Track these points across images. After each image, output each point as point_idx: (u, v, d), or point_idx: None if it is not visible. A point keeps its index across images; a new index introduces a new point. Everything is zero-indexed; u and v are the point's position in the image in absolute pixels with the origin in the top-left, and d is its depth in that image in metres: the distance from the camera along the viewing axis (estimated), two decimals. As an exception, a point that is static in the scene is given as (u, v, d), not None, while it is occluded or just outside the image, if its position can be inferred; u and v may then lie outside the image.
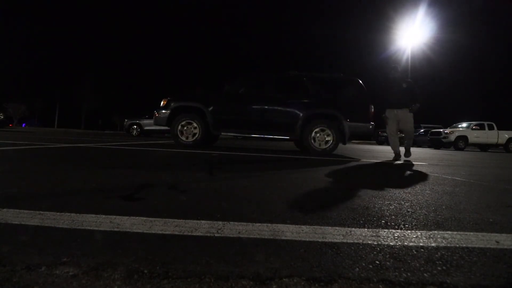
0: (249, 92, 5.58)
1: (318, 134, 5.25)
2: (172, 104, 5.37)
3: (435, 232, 1.00)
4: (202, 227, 0.93)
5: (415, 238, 0.93)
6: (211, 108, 5.32)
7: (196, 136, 5.31)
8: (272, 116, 5.38)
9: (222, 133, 5.41)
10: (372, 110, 5.44)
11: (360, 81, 5.64)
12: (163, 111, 5.37)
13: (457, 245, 0.88)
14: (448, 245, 0.88)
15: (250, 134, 5.47)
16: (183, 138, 5.30)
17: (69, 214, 0.99)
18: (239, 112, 5.43)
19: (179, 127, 5.29)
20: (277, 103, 5.40)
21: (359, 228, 1.00)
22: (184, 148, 4.92)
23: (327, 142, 5.27)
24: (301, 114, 5.27)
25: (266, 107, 5.39)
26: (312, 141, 5.25)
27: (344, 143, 5.53)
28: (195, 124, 5.30)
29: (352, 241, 0.87)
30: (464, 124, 14.44)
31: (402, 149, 4.82)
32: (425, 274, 0.68)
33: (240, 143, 8.86)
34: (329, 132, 5.25)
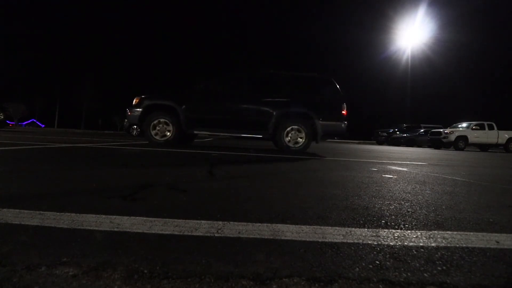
0: (223, 91, 5.57)
1: (291, 133, 5.31)
2: (144, 103, 5.33)
3: (435, 232, 1.00)
4: (202, 227, 0.93)
5: (415, 238, 0.93)
6: (184, 107, 5.30)
7: (170, 135, 5.28)
8: (246, 115, 5.39)
9: (196, 131, 5.39)
10: (345, 109, 5.49)
11: (334, 81, 5.69)
12: (136, 109, 5.35)
13: (457, 245, 0.88)
14: (448, 245, 0.88)
15: (223, 133, 5.48)
16: (156, 137, 5.26)
17: (69, 214, 0.99)
18: (212, 110, 5.42)
19: (152, 125, 5.25)
20: (251, 101, 5.42)
21: (359, 228, 1.00)
22: (157, 146, 4.94)
23: (300, 140, 5.34)
24: (274, 113, 5.30)
25: (240, 105, 5.40)
26: (285, 139, 5.29)
27: (317, 142, 5.59)
28: (168, 123, 5.27)
29: (352, 241, 0.87)
30: (464, 124, 14.45)
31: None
32: (425, 274, 0.68)
33: (240, 143, 8.85)
34: (302, 131, 5.32)
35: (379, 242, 0.87)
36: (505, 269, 0.73)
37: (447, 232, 1.00)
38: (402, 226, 1.05)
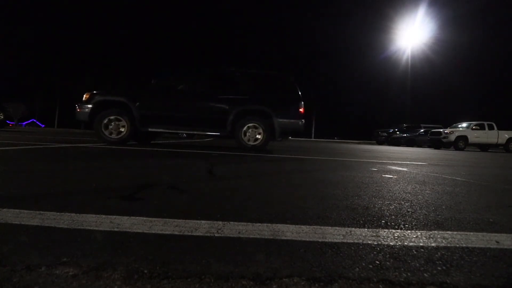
0: (179, 87, 5.46)
1: (249, 130, 5.30)
2: (95, 99, 5.10)
3: (435, 232, 1.00)
4: (202, 227, 0.93)
5: (415, 238, 0.93)
6: (138, 103, 5.14)
7: (124, 133, 5.10)
8: (203, 112, 5.30)
9: (151, 129, 5.22)
10: (303, 107, 5.52)
11: (292, 79, 5.71)
12: (86, 105, 5.08)
13: (457, 245, 0.88)
14: (448, 245, 0.88)
15: (180, 131, 5.39)
16: (109, 135, 5.06)
17: (69, 214, 0.99)
18: (168, 107, 5.29)
19: (104, 123, 5.03)
20: (208, 98, 5.36)
21: (359, 228, 1.00)
22: (110, 144, 4.90)
23: (258, 138, 5.33)
24: (232, 110, 5.25)
25: (197, 102, 5.32)
26: (243, 137, 5.28)
27: (275, 139, 5.58)
28: (122, 120, 5.08)
29: (352, 241, 0.87)
30: (464, 124, 14.46)
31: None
32: (425, 274, 0.68)
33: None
34: (260, 128, 5.31)
35: (379, 242, 0.87)
36: (505, 269, 0.73)
37: (447, 232, 1.00)
38: (402, 226, 1.05)
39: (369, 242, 0.87)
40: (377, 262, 0.73)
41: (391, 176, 2.51)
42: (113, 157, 3.11)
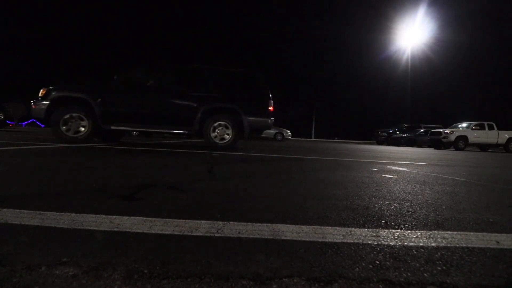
0: (144, 83, 5.28)
1: (218, 129, 5.23)
2: (52, 94, 4.78)
3: (435, 232, 1.00)
4: (202, 227, 0.93)
5: (415, 238, 0.93)
6: (99, 100, 4.88)
7: (84, 131, 4.86)
8: (170, 109, 5.16)
9: (114, 127, 5.01)
10: (272, 105, 5.48)
11: (262, 77, 5.66)
12: (42, 102, 4.77)
13: (457, 245, 0.88)
14: (448, 245, 0.88)
15: (145, 129, 5.18)
16: (68, 133, 4.81)
17: (69, 214, 0.99)
18: (132, 104, 5.07)
19: (62, 121, 4.75)
20: (175, 95, 5.21)
21: (359, 228, 1.00)
22: (69, 143, 4.85)
23: (227, 136, 5.28)
24: (200, 108, 5.16)
25: (163, 99, 5.16)
26: (212, 135, 5.21)
27: (244, 138, 5.53)
28: (83, 118, 4.83)
29: (352, 241, 0.87)
30: (464, 124, 14.45)
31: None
32: (425, 274, 0.68)
33: (240, 143, 8.85)
34: (229, 127, 5.25)
35: (379, 242, 0.87)
36: (505, 269, 0.73)
37: (447, 232, 1.00)
38: (402, 226, 1.05)
39: (369, 242, 0.87)
40: (377, 262, 0.73)
41: (391, 176, 2.51)
42: (113, 157, 3.11)
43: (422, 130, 17.37)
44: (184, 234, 0.87)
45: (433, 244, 0.88)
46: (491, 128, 13.88)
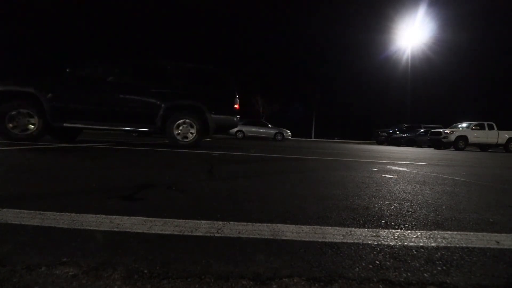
0: (102, 78, 4.96)
1: (182, 126, 5.08)
2: None
3: (435, 232, 1.00)
4: (202, 227, 0.93)
5: (415, 238, 0.93)
6: (50, 95, 4.54)
7: (34, 128, 4.54)
8: (130, 106, 4.91)
9: (67, 124, 4.70)
10: (237, 103, 5.39)
11: (227, 74, 5.55)
12: None
13: (457, 245, 0.88)
14: (448, 245, 0.88)
15: (101, 126, 4.87)
16: (15, 131, 4.47)
17: (69, 214, 0.99)
18: (87, 100, 4.76)
19: (9, 117, 4.42)
20: (135, 91, 4.98)
21: (359, 228, 1.00)
22: (17, 141, 4.82)
23: (190, 135, 5.13)
24: (163, 105, 4.98)
25: (123, 95, 4.90)
26: (175, 133, 5.05)
27: (208, 136, 5.49)
28: (32, 114, 4.51)
29: (352, 241, 0.87)
30: (464, 124, 14.46)
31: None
32: (425, 274, 0.68)
33: (240, 143, 8.85)
34: (193, 124, 5.11)
35: (379, 242, 0.87)
36: (505, 269, 0.73)
37: (447, 232, 1.00)
38: (402, 226, 1.05)
39: (369, 242, 0.87)
40: (377, 262, 0.73)
41: (391, 176, 2.51)
42: (113, 157, 3.11)
43: (422, 130, 17.37)
44: (184, 234, 0.87)
45: (433, 244, 0.88)
46: (491, 128, 13.88)
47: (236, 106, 5.37)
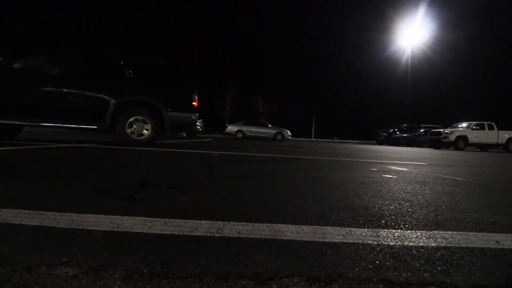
0: (41, 70, 4.59)
1: (135, 124, 4.79)
2: None
3: (435, 232, 1.00)
4: (202, 227, 0.93)
5: (415, 238, 0.93)
6: None
7: None
8: (73, 102, 4.50)
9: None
10: (196, 100, 5.16)
11: (185, 69, 5.33)
12: None
13: (457, 245, 0.88)
14: (448, 245, 0.88)
15: (39, 123, 4.43)
16: None
17: (69, 214, 0.99)
18: (23, 94, 4.36)
19: None
20: (82, 86, 4.57)
21: (359, 228, 1.00)
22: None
23: (145, 132, 4.85)
24: (113, 101, 4.63)
25: (66, 89, 4.48)
26: (128, 131, 4.75)
27: (165, 134, 5.17)
28: None
29: (352, 241, 0.87)
30: (464, 124, 14.46)
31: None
32: (425, 274, 0.68)
33: (240, 143, 8.85)
34: (148, 122, 4.83)
35: (379, 242, 0.87)
36: (505, 269, 0.73)
37: (447, 232, 1.00)
38: (402, 226, 1.05)
39: (369, 242, 0.87)
40: (377, 262, 0.73)
41: (391, 176, 2.51)
42: (113, 157, 3.11)
43: (422, 130, 17.37)
44: (184, 234, 0.87)
45: (433, 244, 0.88)
46: (491, 128, 13.88)
47: (194, 103, 5.13)
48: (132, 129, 4.83)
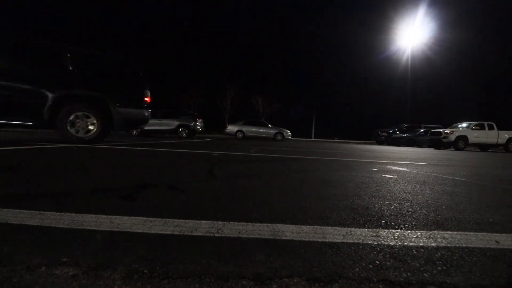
0: None
1: (78, 120, 4.45)
2: None
3: (435, 232, 1.00)
4: (202, 227, 0.93)
5: (415, 238, 0.93)
6: None
7: None
8: (5, 95, 4.12)
9: None
10: (149, 95, 4.94)
11: (136, 62, 5.07)
12: None
13: (457, 245, 0.88)
14: (448, 245, 0.88)
15: None
16: None
17: (69, 214, 0.99)
18: None
19: None
20: (14, 77, 4.18)
21: (359, 228, 1.00)
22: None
23: (91, 129, 4.52)
24: (51, 95, 4.24)
25: None
26: (69, 128, 4.42)
27: (115, 131, 4.85)
28: None
29: (352, 241, 0.87)
30: (464, 124, 14.45)
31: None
32: (425, 274, 0.68)
33: (240, 143, 8.85)
34: (93, 118, 4.50)
35: (379, 242, 0.87)
36: (505, 269, 0.73)
37: (447, 232, 1.00)
38: (402, 226, 1.05)
39: (369, 242, 0.87)
40: (377, 262, 0.73)
41: (391, 176, 2.51)
42: (113, 157, 3.11)
43: (422, 130, 17.37)
44: (184, 234, 0.87)
45: (433, 244, 0.88)
46: (491, 128, 13.88)
47: (146, 98, 4.89)
48: (76, 126, 4.48)
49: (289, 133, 16.91)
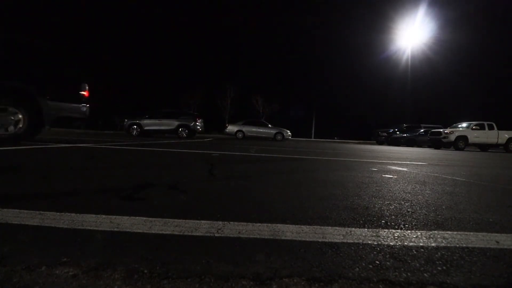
0: None
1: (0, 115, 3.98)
2: None
3: (435, 232, 1.00)
4: (202, 227, 0.93)
5: (415, 238, 0.93)
6: None
7: None
8: None
9: None
10: (86, 88, 4.56)
11: (72, 52, 4.71)
12: None
13: (457, 245, 0.88)
14: (448, 245, 0.88)
15: None
16: None
17: (69, 214, 0.99)
18: None
19: None
20: None
21: (359, 228, 1.00)
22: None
23: (15, 125, 4.06)
24: None
25: None
26: None
27: (44, 127, 4.35)
28: None
29: (352, 241, 0.87)
30: (464, 124, 14.45)
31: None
32: (425, 274, 0.68)
33: (240, 143, 8.85)
34: (19, 112, 4.03)
35: (379, 242, 0.87)
36: (505, 269, 0.73)
37: (447, 232, 1.00)
38: (402, 226, 1.05)
39: (369, 242, 0.87)
40: (377, 262, 0.73)
41: (391, 176, 2.51)
42: (113, 157, 3.11)
43: (422, 130, 17.36)
44: (184, 234, 0.87)
45: (433, 244, 0.88)
46: (491, 128, 13.87)
47: (84, 92, 4.47)
48: None
49: (289, 133, 16.90)
